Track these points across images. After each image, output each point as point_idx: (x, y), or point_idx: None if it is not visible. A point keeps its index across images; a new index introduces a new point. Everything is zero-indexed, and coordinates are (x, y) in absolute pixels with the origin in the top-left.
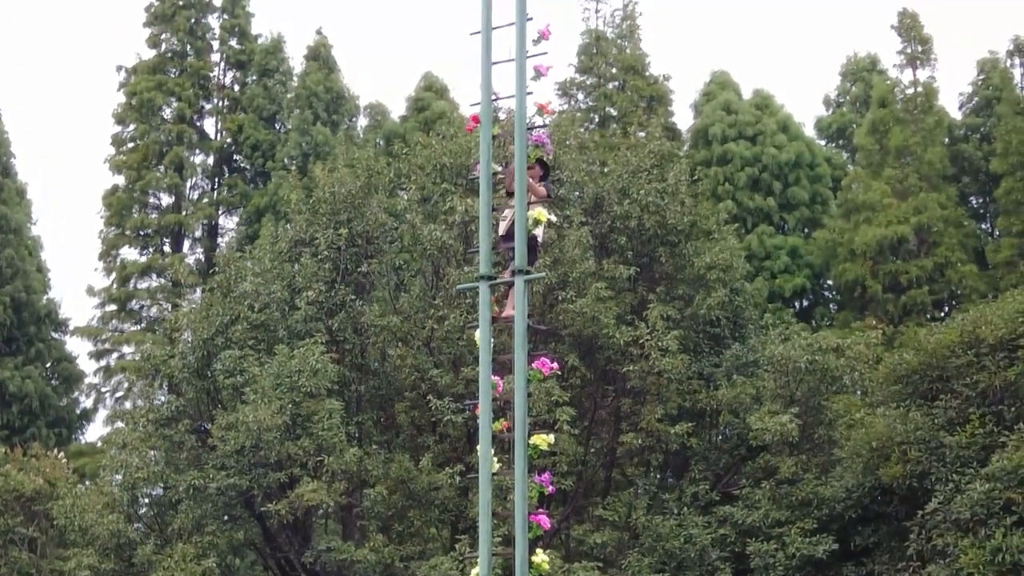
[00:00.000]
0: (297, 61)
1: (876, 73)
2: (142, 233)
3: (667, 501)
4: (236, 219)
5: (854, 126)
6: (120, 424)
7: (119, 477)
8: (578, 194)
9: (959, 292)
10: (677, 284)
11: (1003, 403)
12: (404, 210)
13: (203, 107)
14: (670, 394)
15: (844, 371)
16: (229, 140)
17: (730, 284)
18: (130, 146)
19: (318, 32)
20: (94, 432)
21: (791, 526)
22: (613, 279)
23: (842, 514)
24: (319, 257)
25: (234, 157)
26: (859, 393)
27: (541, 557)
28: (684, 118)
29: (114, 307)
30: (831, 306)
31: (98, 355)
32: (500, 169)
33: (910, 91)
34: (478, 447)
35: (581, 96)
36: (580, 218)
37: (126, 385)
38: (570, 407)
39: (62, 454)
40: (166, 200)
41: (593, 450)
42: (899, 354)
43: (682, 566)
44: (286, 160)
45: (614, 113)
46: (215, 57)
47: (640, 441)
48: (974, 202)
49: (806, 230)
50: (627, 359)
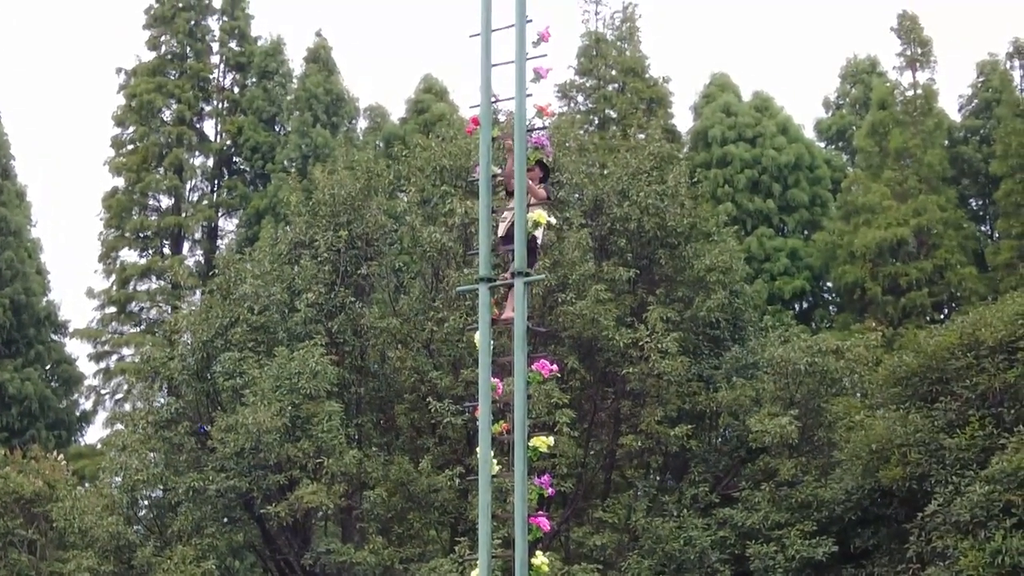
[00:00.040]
0: (297, 63)
1: (876, 75)
2: (142, 235)
3: (667, 503)
4: (236, 221)
5: (854, 128)
6: (120, 426)
7: (119, 479)
8: (578, 196)
9: (959, 294)
10: (677, 286)
11: (1003, 405)
12: (404, 212)
13: (203, 109)
14: (670, 396)
15: (844, 373)
16: (229, 142)
17: (730, 286)
18: (130, 148)
19: (318, 34)
20: (94, 434)
21: (791, 528)
22: (613, 281)
23: (842, 516)
24: (319, 259)
25: (234, 159)
26: (859, 395)
27: (541, 559)
28: (684, 120)
29: (114, 309)
30: (831, 308)
31: (98, 357)
32: (499, 171)
33: (910, 93)
34: (478, 449)
35: (581, 98)
36: (580, 220)
37: (126, 387)
38: (570, 409)
39: (62, 456)
40: (166, 202)
41: (593, 452)
42: (899, 356)
43: (682, 568)
44: (286, 162)
45: (614, 115)
46: (215, 59)
47: (640, 443)
48: (974, 204)
49: (806, 232)
50: (627, 361)
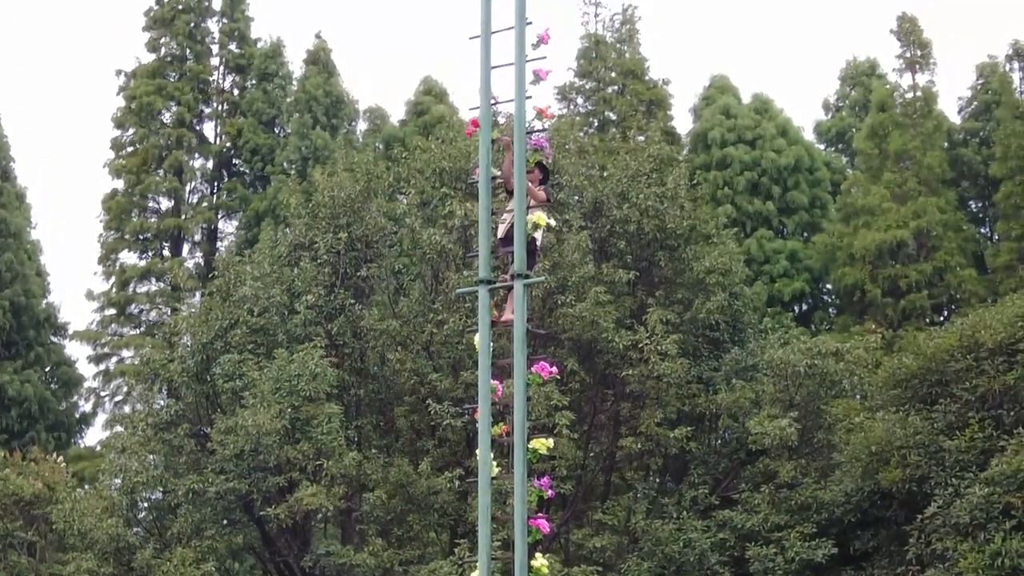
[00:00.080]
0: (296, 65)
1: (875, 77)
2: (141, 237)
3: (666, 505)
4: (235, 223)
5: (853, 130)
6: (119, 428)
7: (118, 481)
8: (577, 198)
9: (958, 296)
10: (676, 288)
11: (1002, 407)
12: (403, 214)
13: (202, 111)
14: (669, 398)
15: (843, 375)
16: (228, 144)
17: (729, 288)
18: (129, 150)
19: (317, 36)
20: (93, 436)
21: (790, 530)
22: (612, 283)
23: (841, 518)
24: (318, 261)
25: (233, 161)
26: (858, 397)
27: (540, 561)
28: (683, 122)
29: (113, 311)
30: (830, 310)
31: (97, 359)
32: (498, 173)
33: (909, 95)
34: (477, 451)
35: (580, 100)
36: (579, 222)
37: (125, 389)
38: (569, 411)
39: (61, 458)
40: (165, 204)
41: (592, 454)
42: (898, 358)
43: (681, 570)
44: (285, 164)
45: (613, 117)
46: (215, 61)
47: (639, 445)
48: (973, 206)
49: (805, 234)
50: (626, 363)
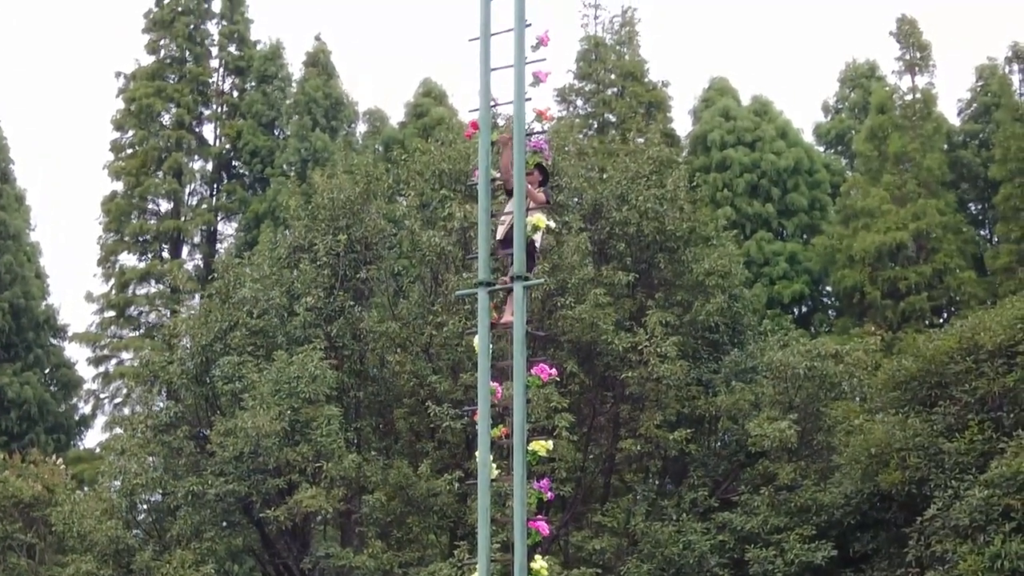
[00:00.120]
0: (296, 67)
1: (875, 79)
2: (141, 239)
3: (666, 507)
4: (235, 225)
5: (853, 132)
6: (119, 430)
7: (118, 483)
8: (577, 200)
9: (958, 298)
10: (676, 290)
11: (1002, 409)
12: (403, 216)
13: (202, 113)
14: (669, 400)
15: (843, 377)
16: (228, 146)
17: (729, 290)
18: (129, 152)
19: (317, 38)
20: (93, 438)
21: (790, 532)
22: (612, 285)
23: (841, 520)
24: (318, 263)
25: (233, 163)
26: (858, 399)
27: (540, 563)
28: (683, 124)
29: (113, 313)
30: (830, 312)
31: (97, 361)
32: (498, 174)
33: (909, 97)
34: (477, 453)
35: (580, 102)
36: (579, 224)
37: (125, 391)
38: (569, 413)
39: (60, 460)
40: (165, 206)
41: (592, 456)
42: (898, 360)
43: (681, 572)
44: (285, 166)
45: (613, 119)
46: (214, 63)
47: (639, 447)
48: (973, 208)
49: (805, 236)
50: (626, 365)
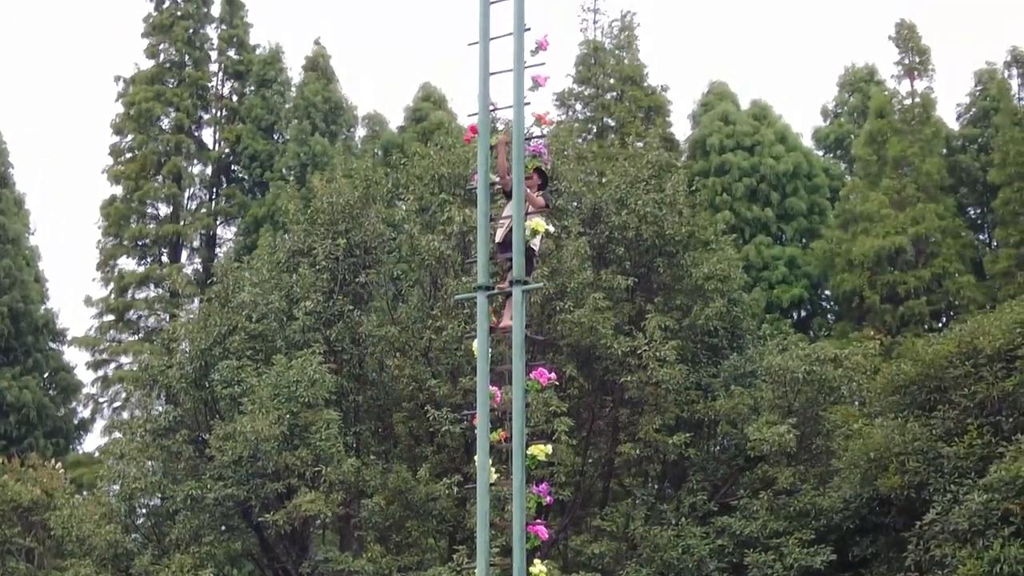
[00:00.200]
0: (295, 71)
1: (874, 84)
2: (140, 243)
3: (665, 511)
4: (234, 229)
5: (852, 137)
6: (118, 434)
7: (116, 487)
8: (576, 204)
9: (957, 303)
10: (675, 294)
11: (1001, 414)
12: (402, 220)
13: (201, 117)
14: (668, 404)
15: (842, 381)
16: (227, 150)
17: (728, 294)
18: (128, 156)
19: (316, 42)
20: (92, 442)
21: (789, 537)
22: (611, 289)
23: (840, 525)
24: (317, 267)
25: (232, 167)
26: (857, 404)
27: (539, 568)
28: (682, 128)
29: (112, 317)
30: (829, 316)
31: (96, 365)
32: (497, 179)
33: (908, 102)
34: (476, 457)
35: (579, 106)
36: (578, 228)
37: (124, 395)
38: (568, 417)
39: (59, 464)
40: (164, 210)
41: (591, 460)
42: (897, 365)
43: None
44: (284, 170)
45: (612, 123)
46: (213, 67)
47: (638, 451)
48: (972, 213)
49: (804, 240)
50: (625, 369)
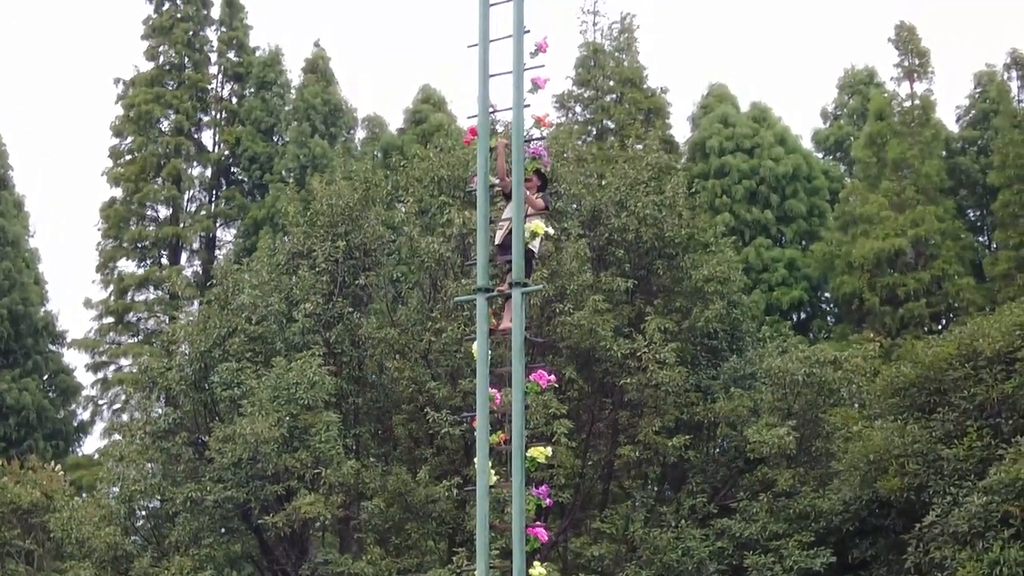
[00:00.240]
0: (295, 73)
1: (873, 86)
2: (140, 245)
3: (665, 514)
4: (234, 231)
5: (851, 139)
6: (117, 436)
7: (116, 489)
8: (576, 207)
9: (956, 305)
10: (675, 296)
11: (1001, 416)
12: (402, 222)
13: (201, 119)
14: (667, 407)
15: (842, 384)
16: (227, 152)
17: (727, 296)
18: (128, 158)
19: (316, 45)
20: (91, 444)
21: (789, 539)
22: (611, 291)
23: (840, 527)
24: (317, 269)
25: (232, 169)
26: (857, 406)
27: (539, 570)
28: (682, 131)
29: (111, 319)
30: (828, 319)
31: (95, 367)
32: (496, 181)
33: (907, 104)
34: (475, 459)
35: (579, 109)
36: (578, 230)
37: (123, 397)
38: (567, 420)
39: (59, 466)
40: (164, 212)
41: (591, 463)
42: (897, 367)
43: None
44: (284, 172)
45: (612, 126)
46: (213, 70)
47: (637, 454)
48: (971, 215)
49: (803, 242)
50: (625, 372)
